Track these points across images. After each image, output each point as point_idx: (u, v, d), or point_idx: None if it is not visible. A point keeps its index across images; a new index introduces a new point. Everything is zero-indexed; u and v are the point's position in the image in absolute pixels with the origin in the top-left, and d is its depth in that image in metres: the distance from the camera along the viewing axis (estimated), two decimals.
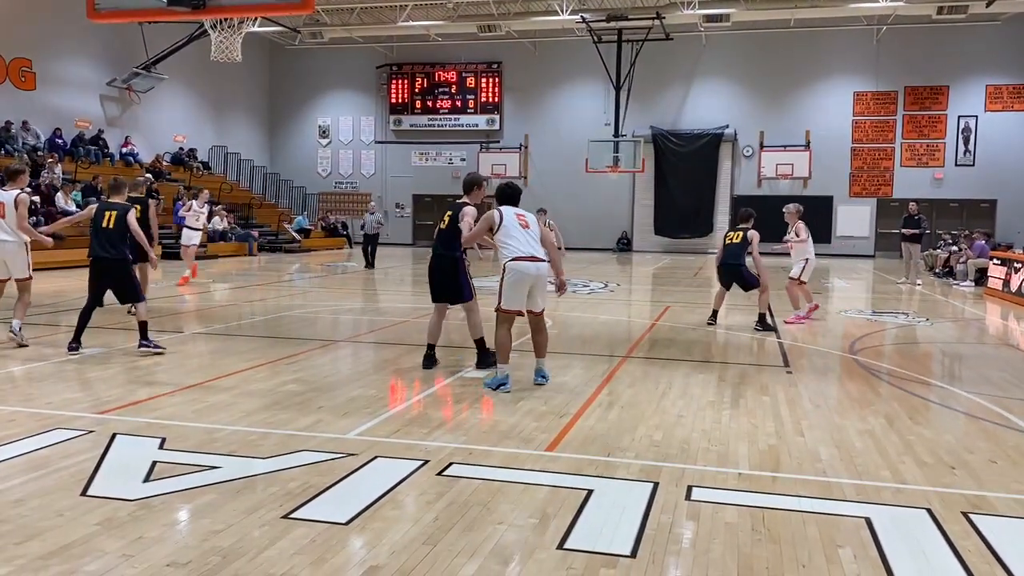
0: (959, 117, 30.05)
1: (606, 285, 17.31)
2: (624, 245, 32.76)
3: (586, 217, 32.50)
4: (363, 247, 22.14)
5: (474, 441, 5.26)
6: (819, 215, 31.02)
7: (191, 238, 16.47)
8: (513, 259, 6.75)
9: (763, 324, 10.71)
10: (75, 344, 8.11)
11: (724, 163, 31.97)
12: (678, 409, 6.24)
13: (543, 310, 7.13)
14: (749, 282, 11.12)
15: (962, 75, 29.81)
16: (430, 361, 7.70)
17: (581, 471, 4.68)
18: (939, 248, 23.09)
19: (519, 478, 4.53)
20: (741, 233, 11.29)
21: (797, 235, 12.18)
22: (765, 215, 32.51)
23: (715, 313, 11.41)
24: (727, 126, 31.58)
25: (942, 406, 6.72)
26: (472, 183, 7.70)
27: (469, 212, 7.43)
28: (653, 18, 26.79)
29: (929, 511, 4.16)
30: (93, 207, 8.56)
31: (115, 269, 8.11)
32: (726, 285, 11.35)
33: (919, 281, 18.43)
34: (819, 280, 20.04)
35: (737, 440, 5.40)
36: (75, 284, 14.92)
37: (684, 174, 31.76)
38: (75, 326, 8.22)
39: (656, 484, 4.46)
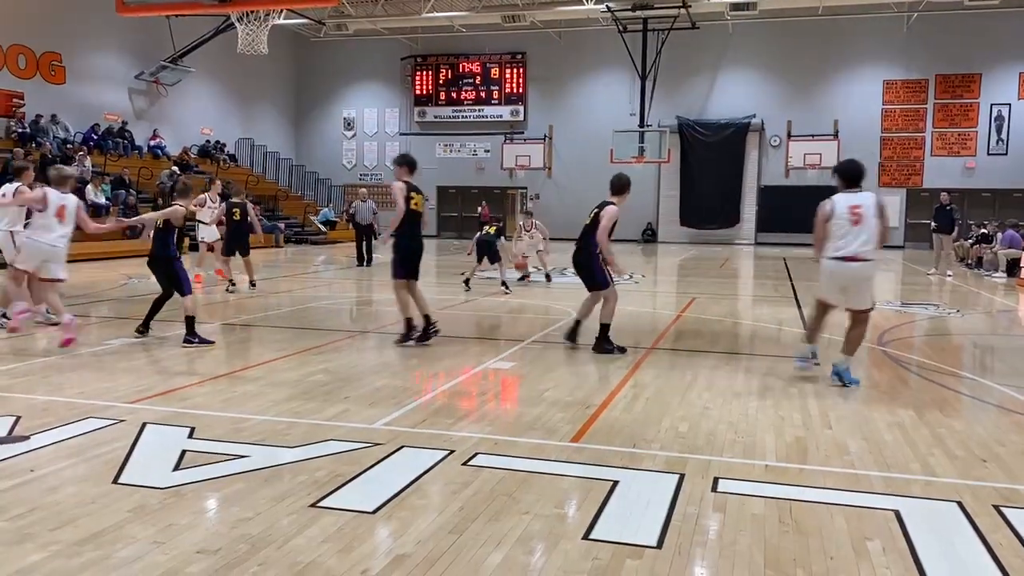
0: (992, 105, 29.55)
1: (631, 276, 17.24)
2: (649, 236, 32.61)
3: None
4: (356, 241, 19.47)
5: (499, 432, 5.27)
6: None
7: (208, 234, 14.52)
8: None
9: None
10: (143, 328, 8.55)
11: (751, 153, 31.69)
12: (704, 401, 6.21)
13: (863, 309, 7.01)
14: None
15: (995, 62, 29.29)
16: (571, 334, 8.35)
17: (606, 462, 4.67)
18: (969, 239, 22.75)
19: (544, 469, 4.54)
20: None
21: None
22: (794, 205, 32.28)
23: None
24: (754, 115, 31.29)
25: (973, 398, 6.64)
26: (625, 185, 8.39)
27: (610, 212, 8.06)
28: (679, 7, 26.56)
29: (960, 504, 4.11)
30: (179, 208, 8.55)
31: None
32: None
33: (950, 272, 18.17)
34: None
35: (764, 432, 5.37)
36: (107, 275, 15.13)
37: (710, 164, 31.53)
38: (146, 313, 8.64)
39: (682, 476, 4.44)
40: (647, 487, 4.29)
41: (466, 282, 13.96)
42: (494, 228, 14.25)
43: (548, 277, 15.36)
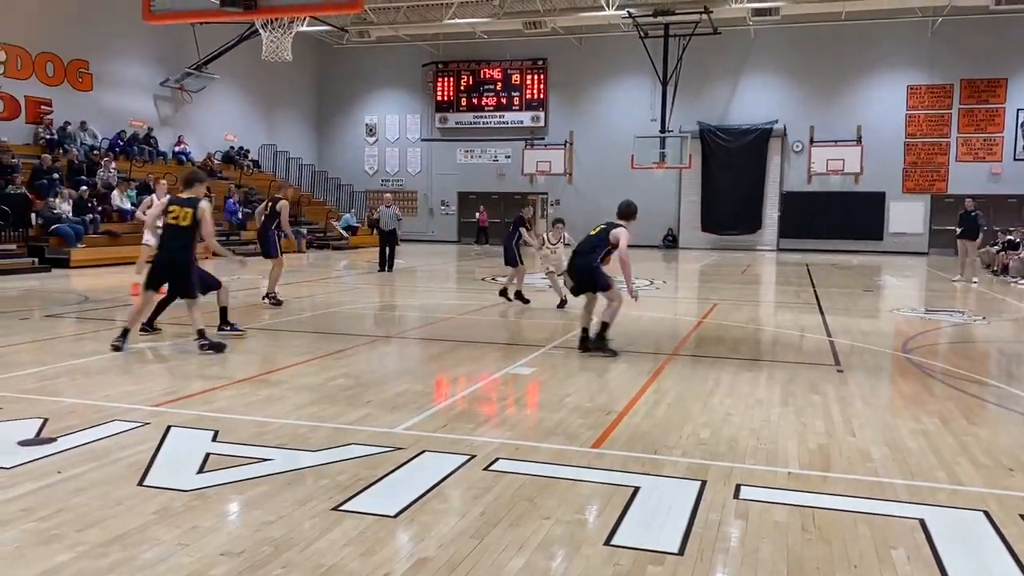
0: (1018, 110, 29.20)
1: (652, 282, 17.20)
2: (670, 242, 32.51)
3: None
4: (379, 246, 19.11)
5: (520, 437, 5.28)
6: (871, 211, 30.50)
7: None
8: None
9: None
10: (224, 327, 8.79)
11: (773, 158, 31.53)
12: (726, 407, 6.19)
13: None
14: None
15: (1021, 67, 28.96)
16: (584, 344, 8.39)
17: (627, 468, 4.67)
18: (995, 245, 22.48)
19: (565, 474, 4.54)
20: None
21: None
22: (817, 211, 32.05)
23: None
24: (776, 121, 31.13)
25: (999, 406, 6.56)
26: (633, 212, 9.09)
27: (625, 235, 8.51)
28: (701, 12, 26.51)
29: (986, 513, 4.06)
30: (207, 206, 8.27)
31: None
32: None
33: (975, 279, 17.96)
34: (871, 277, 19.67)
35: (786, 439, 5.33)
36: (130, 280, 15.25)
37: (732, 170, 31.40)
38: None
39: (704, 482, 4.42)
40: (669, 493, 4.28)
41: (520, 297, 12.54)
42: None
43: (563, 303, 12.16)
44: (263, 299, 11.87)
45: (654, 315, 12.05)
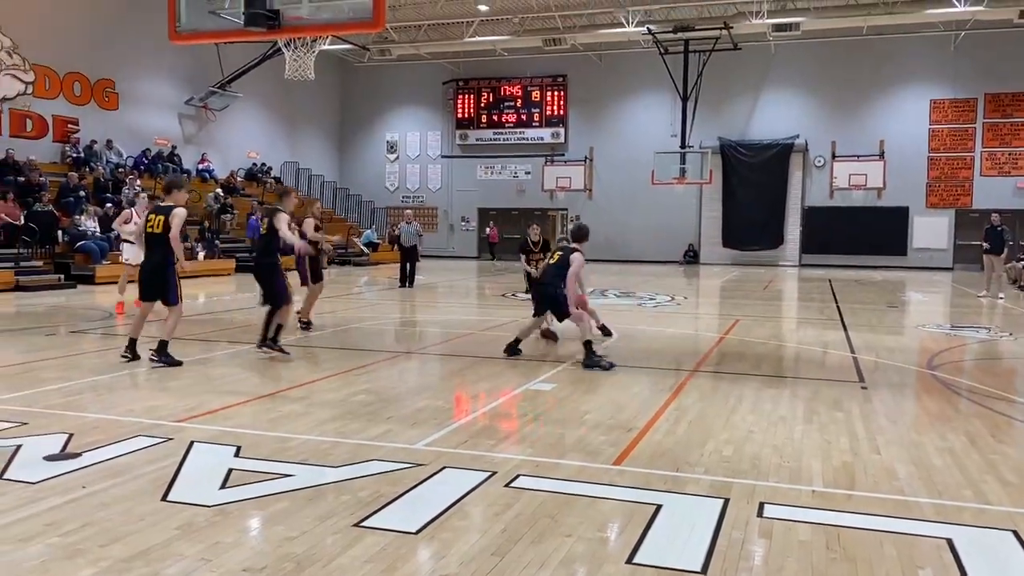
0: None
1: (672, 298, 17.14)
2: (691, 257, 32.40)
3: (652, 229, 32.31)
4: (400, 262, 19.26)
5: (541, 453, 5.26)
6: (894, 226, 30.26)
7: (135, 255, 11.79)
8: None
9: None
10: (271, 344, 8.59)
11: (795, 174, 31.39)
12: (748, 424, 6.14)
13: None
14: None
15: None
16: (511, 349, 8.99)
17: (649, 485, 4.64)
18: (1021, 260, 22.20)
19: (587, 491, 4.51)
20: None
21: None
22: (839, 226, 31.80)
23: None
24: (797, 136, 31.02)
25: None
26: (586, 234, 9.56)
27: (580, 260, 8.83)
28: (721, 28, 26.54)
29: (1015, 533, 3.99)
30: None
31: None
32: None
33: (1002, 295, 17.74)
34: (895, 293, 19.48)
35: (810, 456, 5.28)
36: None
37: (753, 185, 31.30)
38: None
39: (727, 500, 4.39)
40: (691, 511, 4.25)
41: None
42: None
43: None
44: (299, 324, 10.93)
45: (675, 331, 11.99)
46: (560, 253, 9.04)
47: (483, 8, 28.01)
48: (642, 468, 4.97)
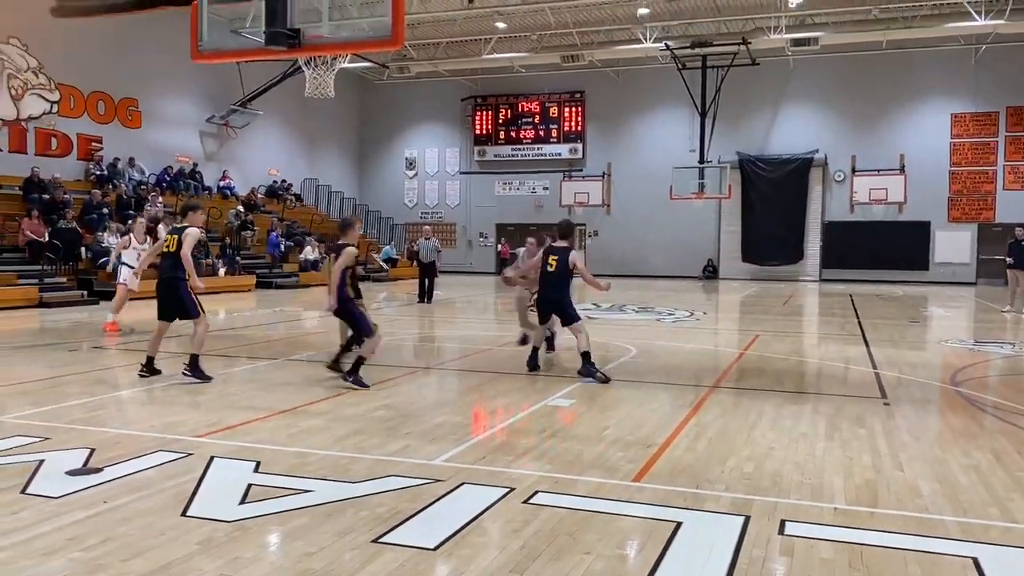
0: None
1: (692, 313, 17.06)
2: (710, 273, 32.27)
3: (670, 244, 32.24)
4: (419, 278, 19.39)
5: (559, 470, 5.24)
6: (916, 241, 30.01)
7: (131, 278, 12.61)
8: None
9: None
10: (350, 376, 8.08)
11: (814, 188, 31.25)
12: (769, 441, 6.08)
13: None
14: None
15: None
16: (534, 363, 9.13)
17: (669, 503, 4.60)
18: None
19: (606, 508, 4.49)
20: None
21: None
22: (860, 241, 31.50)
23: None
24: (817, 150, 30.90)
25: None
26: (573, 228, 9.55)
27: (579, 258, 8.95)
28: (739, 44, 26.53)
29: None
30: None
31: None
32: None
33: None
34: (917, 308, 19.29)
35: (832, 473, 5.22)
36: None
37: (772, 200, 31.18)
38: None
39: (747, 517, 4.34)
40: (712, 529, 4.21)
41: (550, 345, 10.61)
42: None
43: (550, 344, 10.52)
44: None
45: (695, 346, 11.94)
46: (555, 258, 8.82)
47: (501, 25, 28.17)
48: (662, 485, 4.94)
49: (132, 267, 12.50)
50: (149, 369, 8.41)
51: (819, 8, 25.57)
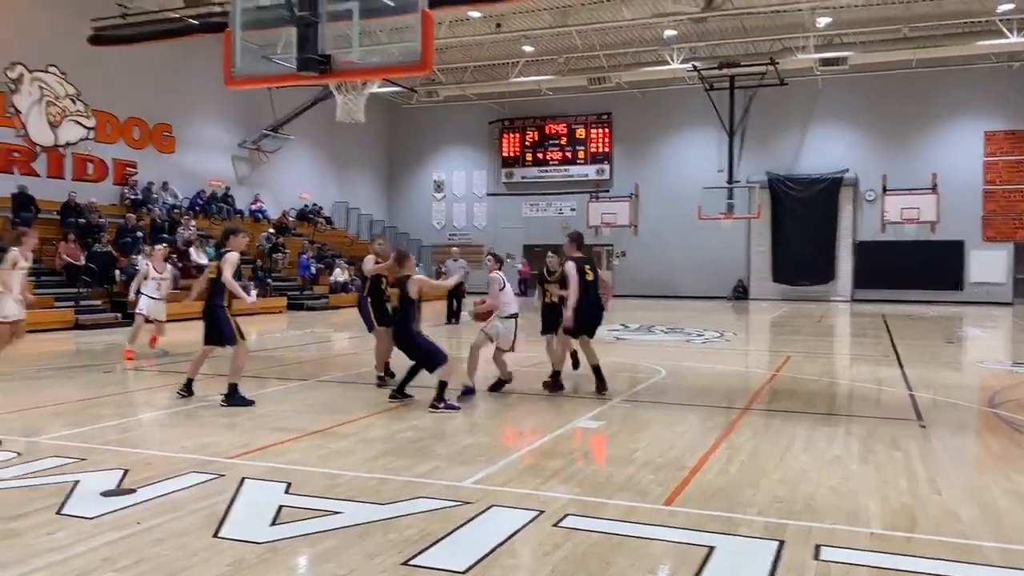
0: None
1: (721, 334, 16.92)
2: (740, 293, 32.02)
3: (700, 265, 32.05)
4: (447, 299, 19.38)
5: (589, 492, 5.20)
6: (949, 260, 29.58)
7: (153, 308, 12.67)
8: None
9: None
10: (437, 403, 8.03)
11: (845, 208, 30.96)
12: (802, 463, 6.00)
13: None
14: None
15: None
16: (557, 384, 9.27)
17: (702, 526, 4.55)
18: None
19: (637, 532, 4.44)
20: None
21: None
22: (892, 260, 31.05)
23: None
24: (847, 170, 30.64)
25: None
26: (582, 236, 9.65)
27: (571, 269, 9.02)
28: (767, 64, 26.47)
29: None
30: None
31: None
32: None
33: None
34: (952, 329, 18.98)
35: (867, 497, 5.13)
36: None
37: (803, 220, 30.93)
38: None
39: (782, 542, 4.28)
40: (745, 554, 4.15)
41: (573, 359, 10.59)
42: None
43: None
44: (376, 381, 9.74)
45: (725, 368, 11.83)
46: (589, 267, 9.18)
47: (528, 49, 28.36)
48: (694, 509, 4.88)
49: (152, 297, 12.56)
50: (188, 390, 8.53)
51: (848, 28, 25.46)
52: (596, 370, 9.06)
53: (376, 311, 9.68)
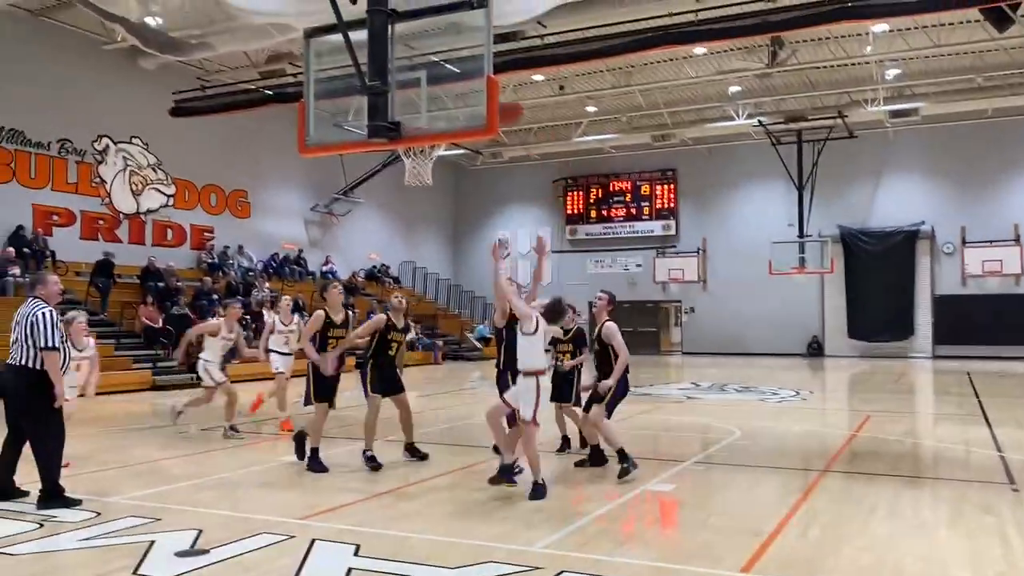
0: None
1: (797, 393, 16.44)
2: (815, 349, 31.18)
3: (772, 320, 31.37)
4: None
5: (662, 559, 5.05)
6: None
7: (280, 364, 11.88)
8: None
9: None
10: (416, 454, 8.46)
11: (922, 261, 30.04)
12: (887, 529, 5.72)
13: None
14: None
15: None
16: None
17: None
18: None
19: None
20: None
21: None
22: (975, 315, 29.79)
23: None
24: (923, 222, 29.80)
25: None
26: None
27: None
28: (835, 117, 26.18)
29: None
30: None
31: None
32: None
33: None
34: None
35: (959, 567, 4.86)
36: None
37: (878, 274, 30.09)
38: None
39: None
40: None
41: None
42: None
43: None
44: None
45: (802, 428, 11.46)
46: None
47: (591, 109, 28.67)
48: None
49: (282, 352, 11.79)
50: (300, 453, 8.29)
51: (918, 79, 25.08)
52: (597, 448, 8.30)
53: (316, 381, 8.71)
